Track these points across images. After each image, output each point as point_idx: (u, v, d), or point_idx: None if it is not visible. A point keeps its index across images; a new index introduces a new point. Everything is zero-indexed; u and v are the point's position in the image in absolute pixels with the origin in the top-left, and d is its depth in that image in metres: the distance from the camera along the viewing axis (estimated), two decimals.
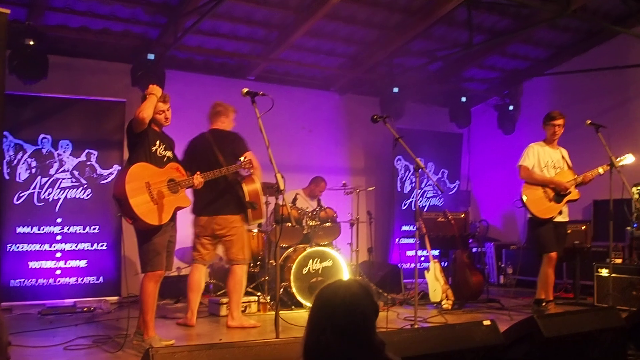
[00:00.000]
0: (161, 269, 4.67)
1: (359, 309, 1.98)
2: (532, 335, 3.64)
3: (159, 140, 4.76)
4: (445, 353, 3.22)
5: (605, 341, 3.93)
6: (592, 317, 4.07)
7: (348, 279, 2.24)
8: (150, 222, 4.47)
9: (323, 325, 1.97)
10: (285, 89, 8.96)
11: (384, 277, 7.95)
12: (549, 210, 6.11)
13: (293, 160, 8.36)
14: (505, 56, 9.49)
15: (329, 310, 1.99)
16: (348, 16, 7.83)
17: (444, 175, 10.11)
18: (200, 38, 7.89)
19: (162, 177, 4.63)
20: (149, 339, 4.58)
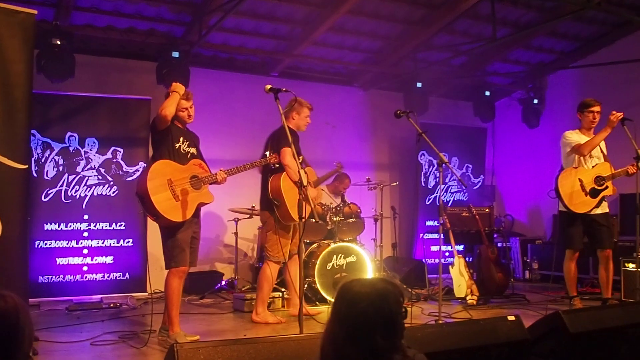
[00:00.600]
0: (185, 265, 4.72)
1: (381, 309, 1.99)
2: (558, 331, 3.61)
3: (182, 137, 4.80)
4: (470, 348, 3.20)
5: (634, 337, 3.88)
6: (619, 312, 4.02)
7: (374, 278, 2.24)
8: (173, 219, 4.53)
9: (341, 324, 1.99)
10: (308, 85, 8.97)
11: (408, 272, 7.93)
12: (583, 205, 5.92)
13: (317, 156, 8.36)
14: (529, 49, 9.38)
15: (347, 309, 2.01)
16: (371, 11, 7.81)
17: (469, 170, 10.04)
18: (224, 35, 7.94)
19: (185, 174, 4.68)
20: (174, 335, 4.64)
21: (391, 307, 2.01)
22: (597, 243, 6.04)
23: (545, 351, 3.65)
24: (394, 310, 2.02)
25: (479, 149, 10.28)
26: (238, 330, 5.38)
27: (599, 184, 5.94)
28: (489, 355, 3.25)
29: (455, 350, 3.15)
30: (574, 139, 6.04)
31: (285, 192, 5.19)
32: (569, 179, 5.99)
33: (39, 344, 4.55)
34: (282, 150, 5.28)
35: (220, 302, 7.05)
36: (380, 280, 2.13)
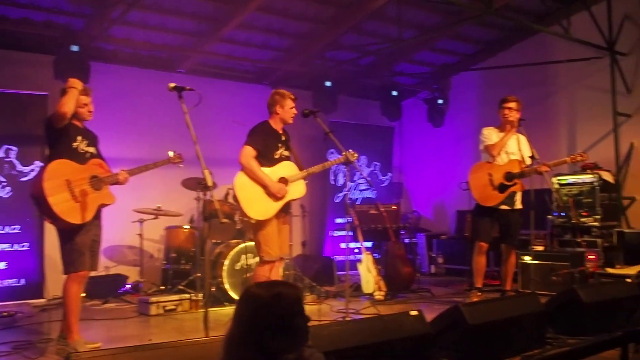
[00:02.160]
0: (85, 270, 4.52)
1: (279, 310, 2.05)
2: (458, 323, 3.74)
3: (80, 136, 4.60)
4: (375, 344, 3.25)
5: (527, 326, 4.08)
6: (514, 303, 4.22)
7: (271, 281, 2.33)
8: (72, 221, 4.33)
9: (244, 326, 2.03)
10: (217, 82, 8.86)
11: (318, 270, 7.98)
12: (490, 198, 6.04)
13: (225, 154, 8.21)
14: (434, 51, 9.67)
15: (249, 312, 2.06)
16: (281, 9, 7.79)
17: (377, 167, 10.23)
18: (128, 30, 7.67)
19: (84, 174, 4.48)
20: (73, 343, 4.43)
21: (284, 308, 2.06)
22: (506, 238, 6.23)
23: (447, 343, 3.77)
24: (288, 311, 2.07)
25: (387, 147, 10.50)
26: (143, 336, 5.21)
27: (509, 180, 6.07)
28: (393, 350, 3.32)
29: (361, 346, 3.18)
30: (487, 138, 6.16)
31: (239, 191, 5.01)
32: (479, 172, 6.12)
33: None
34: (242, 148, 5.08)
35: (124, 306, 6.82)
36: (279, 282, 2.23)
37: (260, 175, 4.98)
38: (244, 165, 5.01)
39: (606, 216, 7.32)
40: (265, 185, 4.98)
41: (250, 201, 4.96)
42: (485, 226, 6.14)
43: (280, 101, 5.30)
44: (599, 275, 6.51)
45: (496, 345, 3.88)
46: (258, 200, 4.98)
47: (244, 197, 4.95)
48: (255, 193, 4.99)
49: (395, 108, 10.23)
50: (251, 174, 4.99)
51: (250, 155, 5.00)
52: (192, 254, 7.20)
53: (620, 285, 5.09)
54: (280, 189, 5.03)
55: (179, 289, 6.73)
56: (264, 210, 4.99)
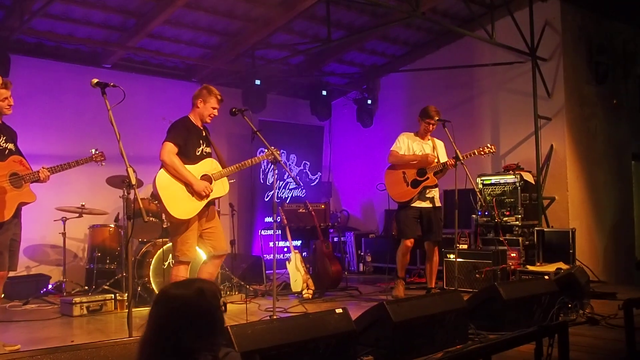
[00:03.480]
0: (3, 270, 4.40)
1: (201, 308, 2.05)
2: (382, 321, 3.84)
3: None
4: (300, 342, 3.30)
5: (449, 322, 4.22)
6: (437, 300, 4.36)
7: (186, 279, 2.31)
8: None
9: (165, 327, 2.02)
10: (144, 78, 8.70)
11: (246, 269, 7.97)
12: (405, 194, 6.40)
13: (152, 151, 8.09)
14: (363, 52, 9.81)
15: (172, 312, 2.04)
16: (209, 6, 7.72)
17: (306, 167, 10.30)
18: (50, 22, 7.42)
19: (3, 172, 4.36)
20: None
21: (209, 302, 2.07)
22: (427, 235, 6.49)
23: (370, 340, 3.87)
24: (211, 305, 2.07)
25: (317, 146, 10.58)
26: (65, 337, 5.07)
27: (420, 176, 6.41)
28: (317, 347, 3.37)
29: (285, 344, 3.22)
30: (398, 146, 6.57)
31: (162, 189, 4.82)
32: (392, 172, 6.55)
33: None
34: (162, 145, 4.92)
35: (46, 307, 6.61)
36: (196, 279, 2.20)
37: (183, 173, 4.87)
38: (165, 162, 4.87)
39: (527, 215, 7.61)
40: (189, 183, 4.88)
41: (173, 200, 4.83)
42: (408, 224, 6.39)
43: (204, 96, 5.18)
44: (520, 273, 6.76)
45: (419, 341, 4.01)
46: (181, 199, 4.86)
47: (166, 196, 4.82)
48: (178, 191, 4.87)
49: (325, 107, 10.33)
50: (173, 171, 4.87)
51: (172, 152, 4.87)
52: (118, 253, 7.06)
53: (539, 282, 5.32)
54: (205, 187, 4.94)
55: (104, 289, 6.57)
56: (188, 209, 4.89)
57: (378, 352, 3.82)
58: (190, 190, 4.90)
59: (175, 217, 4.83)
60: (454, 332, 4.26)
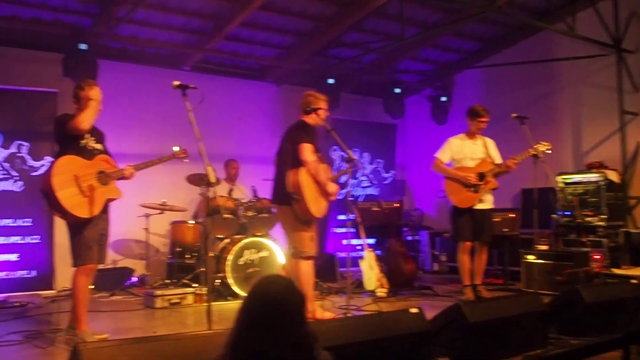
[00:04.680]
0: (92, 263, 4.63)
1: (290, 303, 2.05)
2: (458, 322, 3.81)
3: (88, 134, 4.68)
4: (373, 341, 3.32)
5: (528, 325, 4.14)
6: (515, 302, 4.28)
7: (274, 275, 2.30)
8: (80, 215, 4.44)
9: (256, 321, 2.03)
10: (220, 79, 8.94)
11: (320, 266, 7.98)
12: (467, 200, 6.36)
13: (229, 151, 8.36)
14: (437, 49, 9.72)
15: (262, 306, 2.05)
16: (283, 7, 7.87)
17: (379, 165, 10.31)
18: (133, 28, 7.77)
19: (91, 170, 4.58)
20: (81, 333, 4.54)
21: (291, 302, 2.07)
22: (479, 235, 6.44)
23: (444, 341, 3.84)
24: (294, 304, 2.08)
25: (389, 144, 10.56)
26: (148, 328, 5.32)
27: (481, 179, 6.34)
28: (390, 346, 3.39)
29: (358, 342, 3.26)
30: (442, 154, 6.61)
31: (305, 187, 5.07)
32: (451, 179, 6.48)
33: None
34: (301, 146, 5.15)
35: (130, 298, 6.93)
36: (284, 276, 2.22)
37: (322, 174, 5.17)
38: (309, 162, 5.12)
39: (612, 216, 7.32)
40: (323, 183, 5.18)
41: (313, 199, 5.12)
42: (464, 226, 6.39)
43: (314, 102, 5.40)
44: (604, 276, 6.52)
45: (496, 344, 3.93)
46: (316, 198, 5.16)
47: (307, 194, 5.09)
48: (315, 191, 5.17)
49: (398, 105, 10.28)
50: (314, 171, 5.15)
51: (313, 152, 5.13)
52: (197, 248, 7.29)
53: (624, 286, 5.10)
54: (337, 189, 5.29)
55: (184, 282, 6.83)
56: (321, 208, 5.21)
57: (452, 353, 3.79)
58: (321, 190, 5.19)
59: (313, 214, 5.12)
60: (532, 336, 4.16)
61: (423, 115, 10.57)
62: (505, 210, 7.88)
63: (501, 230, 7.61)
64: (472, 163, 6.47)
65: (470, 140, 6.56)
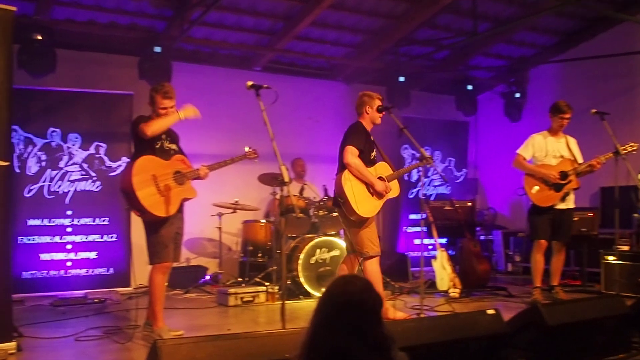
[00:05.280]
0: (169, 261, 4.73)
1: (366, 304, 2.02)
2: (536, 324, 3.69)
3: (164, 135, 4.79)
4: (449, 342, 3.26)
5: (610, 328, 3.96)
6: (596, 304, 4.11)
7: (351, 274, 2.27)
8: (158, 214, 4.55)
9: (331, 321, 2.00)
10: (291, 79, 8.99)
11: (391, 265, 7.99)
12: (548, 199, 6.17)
13: (299, 150, 8.41)
14: (511, 44, 9.46)
15: (338, 306, 2.02)
16: (353, 6, 7.84)
17: (451, 163, 10.13)
18: (206, 30, 7.93)
19: (168, 170, 4.69)
20: (158, 330, 4.65)
21: (368, 302, 2.03)
22: (558, 235, 6.25)
23: (521, 343, 3.72)
24: (371, 305, 2.04)
25: (462, 142, 10.37)
26: (222, 325, 5.40)
27: (563, 179, 6.13)
28: (467, 348, 3.32)
29: (434, 344, 3.20)
30: (525, 150, 6.38)
31: (348, 190, 5.12)
32: (532, 176, 6.28)
33: (23, 340, 4.54)
34: (345, 149, 5.22)
35: (204, 296, 7.07)
36: (361, 277, 2.19)
37: (366, 174, 5.16)
38: (350, 164, 5.14)
39: None
40: (371, 183, 5.15)
41: (358, 199, 5.11)
42: (542, 225, 6.21)
43: (369, 102, 5.42)
44: None
45: (575, 347, 3.80)
46: (365, 199, 5.15)
47: (352, 195, 5.10)
48: (362, 191, 5.16)
49: (470, 102, 10.07)
50: (357, 173, 5.15)
51: (355, 154, 5.15)
52: (268, 247, 7.37)
53: None
54: (386, 187, 5.23)
55: (256, 281, 6.92)
56: (370, 207, 5.19)
57: (530, 356, 3.67)
58: (371, 190, 5.18)
59: (361, 215, 5.11)
60: (615, 340, 4.00)
61: (496, 112, 10.31)
62: (584, 209, 7.58)
63: (579, 230, 7.32)
64: (555, 161, 6.26)
65: (553, 138, 6.35)
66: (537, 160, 6.34)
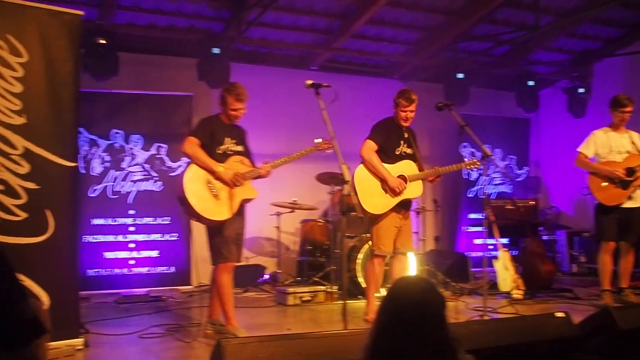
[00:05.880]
0: (232, 261, 4.75)
1: (429, 306, 1.96)
2: (607, 327, 3.54)
3: (227, 137, 4.77)
4: (516, 345, 3.16)
5: None
6: None
7: (414, 275, 2.22)
8: (215, 218, 4.57)
9: (393, 323, 1.95)
10: (348, 77, 8.95)
11: (451, 266, 7.86)
12: (615, 197, 5.92)
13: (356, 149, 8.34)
14: (574, 37, 9.16)
15: (399, 308, 1.97)
16: (410, 3, 7.75)
17: (512, 161, 9.91)
18: (263, 30, 7.98)
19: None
20: (232, 329, 4.65)
21: (431, 305, 1.98)
22: (626, 236, 6.00)
23: (591, 348, 3.58)
24: (434, 308, 1.98)
25: (523, 139, 10.13)
26: (281, 325, 5.43)
27: (629, 175, 5.88)
28: (534, 352, 3.21)
29: (501, 347, 3.11)
30: (586, 148, 6.16)
31: (358, 183, 5.10)
32: (597, 175, 6.06)
33: (89, 336, 4.66)
34: (364, 142, 5.26)
35: (263, 295, 7.11)
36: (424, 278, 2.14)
37: (380, 169, 5.10)
38: (364, 158, 5.15)
39: None
40: (384, 179, 5.08)
41: (367, 194, 5.07)
42: (609, 225, 5.97)
43: (397, 100, 5.41)
44: None
45: None
46: (375, 195, 5.08)
47: (361, 190, 5.06)
48: (373, 187, 5.11)
49: (531, 99, 9.80)
50: (371, 167, 5.12)
51: (371, 149, 5.14)
52: (327, 247, 7.35)
53: None
54: (399, 184, 5.12)
55: (314, 280, 6.91)
56: (380, 204, 5.11)
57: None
58: (384, 186, 5.11)
59: (367, 210, 5.06)
60: None
61: (559, 108, 9.99)
62: None
63: None
64: (619, 157, 6.00)
65: (616, 133, 6.10)
66: (601, 158, 6.09)
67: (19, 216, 4.15)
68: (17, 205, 4.15)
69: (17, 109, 4.19)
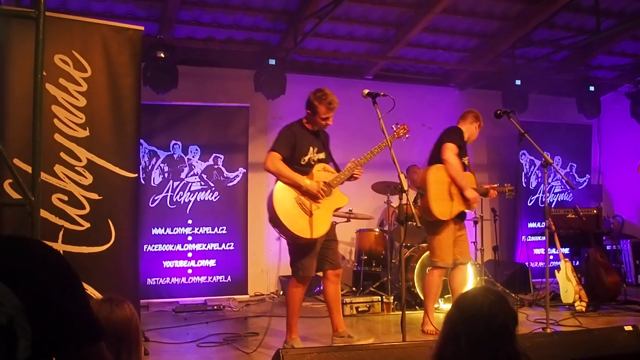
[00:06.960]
0: (311, 274, 4.60)
1: (497, 318, 1.91)
2: None
3: (311, 146, 4.64)
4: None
5: None
6: None
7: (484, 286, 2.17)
8: (313, 236, 4.43)
9: (459, 334, 1.91)
10: (403, 86, 8.90)
11: (510, 276, 7.68)
12: None
13: (413, 158, 8.27)
14: (637, 40, 8.85)
15: (466, 319, 1.93)
16: (467, 9, 7.64)
17: (573, 169, 9.63)
18: (318, 41, 8.02)
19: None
20: (291, 341, 4.59)
21: (498, 316, 1.93)
22: None
23: None
24: (502, 320, 1.93)
25: (584, 147, 9.84)
26: None
27: None
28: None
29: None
30: None
31: (431, 184, 5.09)
32: None
33: (149, 344, 4.76)
34: (444, 145, 5.22)
35: (318, 305, 7.09)
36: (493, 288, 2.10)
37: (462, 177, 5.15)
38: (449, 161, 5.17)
39: None
40: (463, 188, 5.19)
41: (438, 197, 5.11)
42: None
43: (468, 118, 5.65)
44: None
45: None
46: (443, 199, 5.15)
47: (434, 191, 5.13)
48: (445, 191, 5.18)
49: (593, 104, 9.51)
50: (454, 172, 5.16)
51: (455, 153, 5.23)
52: (382, 256, 7.30)
53: None
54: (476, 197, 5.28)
55: (370, 290, 6.87)
56: (446, 211, 5.16)
57: None
58: (452, 193, 5.15)
59: (434, 213, 5.11)
60: None
61: (622, 114, 9.67)
62: None
63: None
64: None
65: None
66: None
67: (82, 226, 4.29)
68: (81, 215, 4.29)
69: (81, 122, 4.34)
